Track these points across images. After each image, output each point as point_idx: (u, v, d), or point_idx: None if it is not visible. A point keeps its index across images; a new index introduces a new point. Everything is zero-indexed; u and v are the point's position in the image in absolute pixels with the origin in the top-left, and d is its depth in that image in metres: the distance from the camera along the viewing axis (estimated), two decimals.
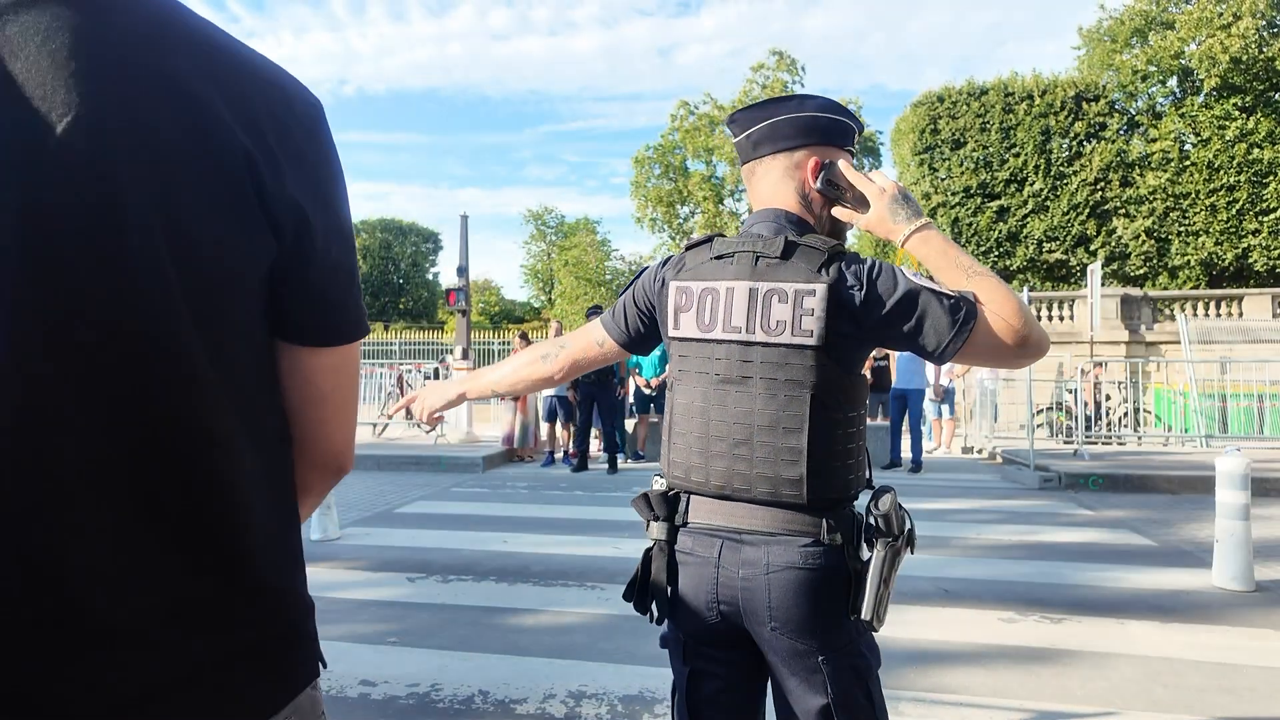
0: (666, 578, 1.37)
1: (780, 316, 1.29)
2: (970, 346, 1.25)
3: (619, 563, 4.81)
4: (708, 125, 32.11)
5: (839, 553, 1.29)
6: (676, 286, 1.41)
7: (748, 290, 1.32)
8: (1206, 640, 3.48)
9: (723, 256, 1.38)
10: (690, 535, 1.37)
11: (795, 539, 1.28)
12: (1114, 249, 21.40)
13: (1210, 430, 10.87)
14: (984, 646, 3.41)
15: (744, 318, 1.32)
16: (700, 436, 1.35)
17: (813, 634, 1.28)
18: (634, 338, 1.55)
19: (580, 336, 1.62)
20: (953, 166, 22.55)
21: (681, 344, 1.41)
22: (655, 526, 1.40)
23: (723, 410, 1.33)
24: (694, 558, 1.35)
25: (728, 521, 1.33)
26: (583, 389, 9.03)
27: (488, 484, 8.08)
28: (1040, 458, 8.46)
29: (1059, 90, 21.98)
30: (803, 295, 1.28)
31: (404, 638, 3.53)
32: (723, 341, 1.34)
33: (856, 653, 1.32)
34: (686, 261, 1.43)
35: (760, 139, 1.41)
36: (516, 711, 2.80)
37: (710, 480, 1.34)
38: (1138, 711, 2.79)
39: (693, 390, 1.38)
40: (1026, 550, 5.13)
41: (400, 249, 37.24)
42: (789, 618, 1.28)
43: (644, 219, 33.50)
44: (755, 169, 1.44)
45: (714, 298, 1.35)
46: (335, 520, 5.61)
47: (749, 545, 1.30)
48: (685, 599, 1.36)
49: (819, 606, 1.28)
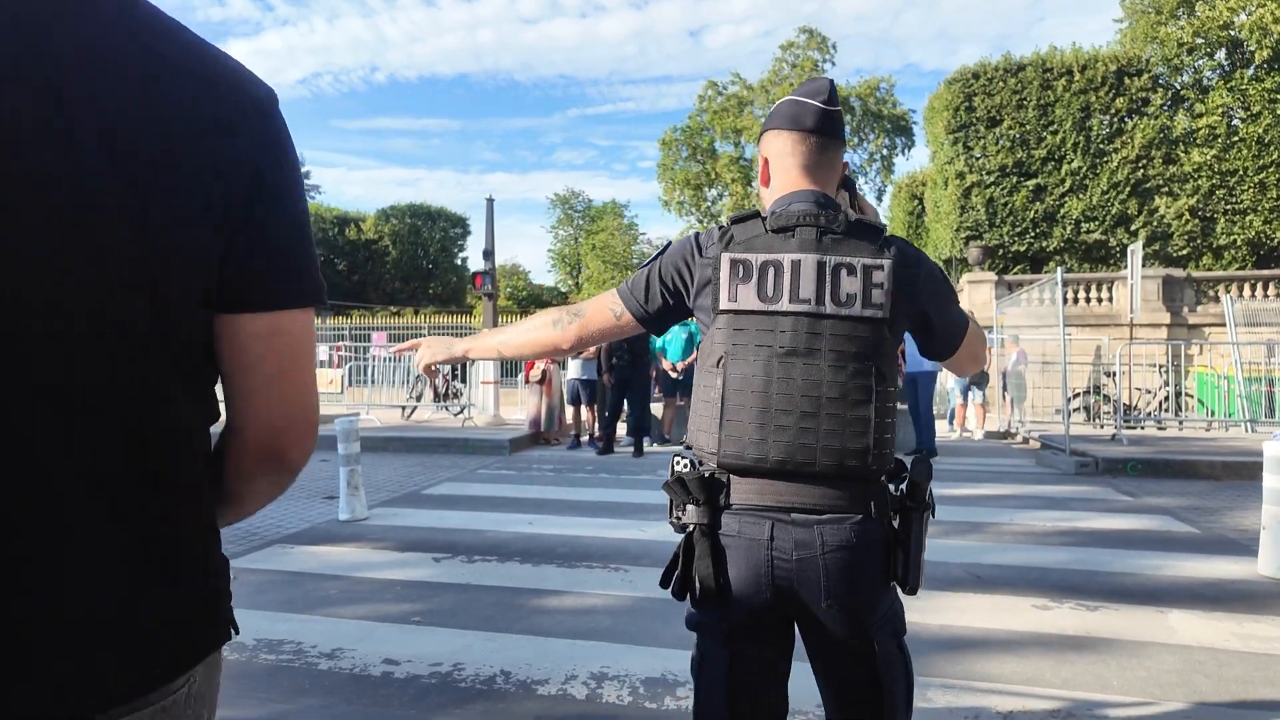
0: (714, 562, 1.35)
1: (850, 289, 1.34)
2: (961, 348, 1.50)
3: (644, 545, 4.78)
4: (736, 106, 31.72)
5: (879, 524, 1.35)
6: (731, 259, 1.39)
7: (816, 263, 1.34)
8: (1252, 630, 3.35)
9: (782, 230, 1.38)
10: (735, 517, 1.35)
11: (846, 515, 1.33)
12: (1156, 229, 20.74)
13: (1255, 415, 10.52)
14: (1017, 634, 3.32)
15: (813, 290, 1.34)
16: (761, 411, 1.33)
17: (863, 604, 1.34)
18: (653, 313, 1.51)
19: (595, 307, 1.57)
20: (988, 145, 21.99)
21: (738, 316, 1.38)
22: (694, 510, 1.36)
23: (788, 383, 1.33)
24: (742, 539, 1.34)
25: (778, 500, 1.33)
26: (617, 372, 8.99)
27: (514, 466, 8.12)
28: (1076, 442, 8.26)
29: (1100, 65, 21.26)
30: (871, 270, 1.34)
31: (428, 617, 3.54)
32: (789, 314, 1.35)
33: (894, 614, 1.41)
34: (735, 235, 1.41)
35: (843, 124, 1.50)
36: (538, 692, 2.79)
37: (770, 455, 1.32)
38: (1177, 702, 2.70)
39: (751, 363, 1.35)
40: (1061, 536, 5.00)
41: (429, 234, 37.45)
42: (843, 591, 1.32)
43: (671, 202, 33.28)
44: (839, 150, 1.50)
45: (776, 270, 1.36)
46: (363, 501, 5.67)
47: (800, 525, 1.32)
48: (734, 582, 1.34)
49: (868, 577, 1.34)
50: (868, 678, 1.36)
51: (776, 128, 1.48)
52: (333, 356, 12.71)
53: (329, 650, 3.15)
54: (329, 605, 3.73)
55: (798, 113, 1.45)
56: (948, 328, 1.46)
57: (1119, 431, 9.06)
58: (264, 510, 6.33)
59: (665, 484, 1.40)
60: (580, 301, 1.66)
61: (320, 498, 6.32)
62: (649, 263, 1.53)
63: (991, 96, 22.05)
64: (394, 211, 37.41)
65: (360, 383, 13.15)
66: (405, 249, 36.41)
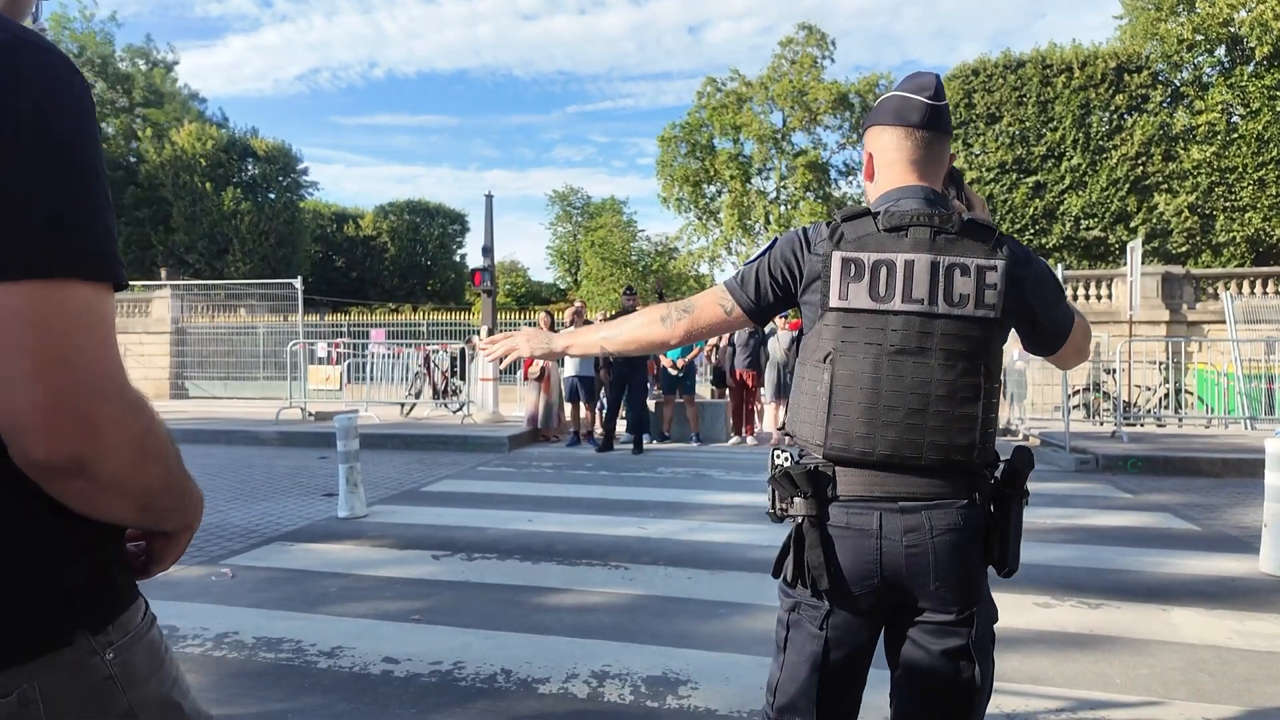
0: (824, 552, 1.39)
1: (964, 290, 1.36)
2: (1065, 344, 1.51)
3: (644, 543, 4.77)
4: (735, 102, 31.63)
5: (981, 510, 1.40)
6: (843, 257, 1.40)
7: (929, 263, 1.36)
8: (1255, 628, 3.34)
9: (895, 230, 1.40)
10: (843, 509, 1.39)
11: (952, 501, 1.37)
12: (1155, 226, 20.72)
13: (1254, 412, 10.52)
14: (1019, 631, 3.31)
15: (926, 290, 1.36)
16: (869, 407, 1.37)
17: (968, 586, 1.39)
18: (762, 307, 1.55)
19: (704, 302, 1.60)
20: (988, 142, 21.96)
21: (848, 315, 1.40)
22: (800, 503, 1.40)
23: (897, 381, 1.36)
24: (850, 530, 1.38)
25: (884, 491, 1.37)
26: (615, 369, 8.98)
27: (513, 463, 8.10)
28: (1076, 440, 8.25)
29: (1099, 62, 21.23)
30: (985, 270, 1.37)
31: (428, 615, 3.53)
32: (901, 313, 1.37)
33: (989, 597, 1.46)
34: (846, 232, 1.42)
35: (949, 118, 1.52)
36: (539, 691, 2.77)
37: (876, 449, 1.36)
38: (1182, 701, 2.68)
39: (860, 361, 1.38)
40: (1063, 534, 4.99)
41: (428, 231, 37.35)
42: (951, 575, 1.37)
43: (670, 199, 33.21)
44: (946, 145, 1.50)
45: (889, 269, 1.37)
46: (362, 498, 5.65)
47: (908, 513, 1.36)
48: (844, 570, 1.39)
49: (973, 560, 1.39)
50: (965, 658, 1.38)
51: (882, 123, 1.49)
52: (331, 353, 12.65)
53: (328, 649, 3.13)
54: (328, 603, 3.71)
55: (902, 108, 1.47)
56: (1054, 325, 1.49)
57: (1119, 429, 9.05)
58: (262, 508, 6.27)
59: (771, 478, 1.44)
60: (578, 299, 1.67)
61: (319, 495, 6.30)
62: (756, 258, 1.56)
63: (991, 93, 22.03)
64: (392, 208, 37.33)
65: (359, 380, 13.11)
66: (404, 246, 36.33)
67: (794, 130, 31.60)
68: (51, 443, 0.66)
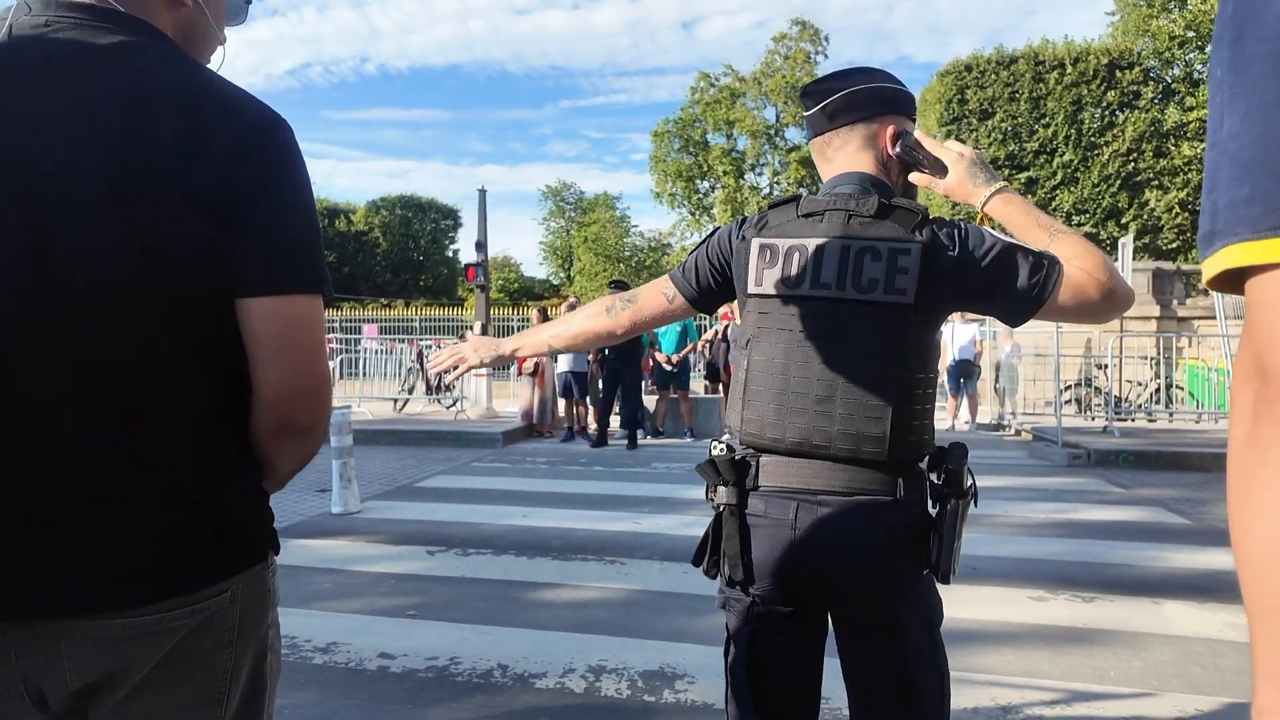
0: (740, 541, 1.36)
1: (873, 274, 1.30)
2: (1057, 302, 1.27)
3: (639, 538, 4.77)
4: (728, 98, 31.63)
5: (912, 510, 1.32)
6: (760, 243, 1.40)
7: (840, 247, 1.33)
8: (1245, 621, 3.36)
9: (811, 215, 1.38)
10: (762, 498, 1.36)
11: (874, 497, 1.30)
12: (1146, 222, 20.83)
13: None
14: (1013, 625, 3.32)
15: (834, 274, 1.32)
16: (779, 393, 1.34)
17: (891, 590, 1.32)
18: (704, 295, 1.54)
19: (649, 292, 1.60)
20: (980, 138, 22.02)
21: (763, 300, 1.40)
22: (723, 491, 1.38)
23: (806, 367, 1.33)
24: (768, 520, 1.34)
25: (804, 482, 1.32)
26: (608, 364, 8.97)
27: (507, 459, 8.09)
28: (1068, 434, 8.29)
29: (1091, 58, 21.30)
30: (897, 254, 1.29)
31: (423, 611, 3.52)
32: (810, 298, 1.34)
33: (927, 603, 1.36)
34: (770, 219, 1.43)
35: (836, 110, 1.44)
36: (535, 686, 2.77)
37: (786, 437, 1.33)
38: (1174, 693, 2.70)
39: (773, 347, 1.37)
40: (1056, 528, 5.02)
41: (420, 226, 37.25)
42: (869, 576, 1.31)
43: (663, 194, 33.19)
44: (831, 140, 1.46)
45: (801, 254, 1.36)
46: (356, 494, 5.63)
47: (825, 506, 1.31)
48: (759, 561, 1.35)
49: (896, 563, 1.31)
50: (895, 665, 1.30)
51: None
52: None
53: (323, 644, 3.12)
54: (323, 599, 3.70)
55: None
56: (1016, 296, 1.28)
57: (1110, 424, 9.11)
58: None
59: (698, 466, 1.42)
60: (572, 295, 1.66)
61: (313, 491, 6.27)
62: (697, 247, 1.56)
63: (984, 89, 22.08)
64: (384, 203, 37.20)
65: (351, 375, 13.07)
66: (396, 241, 36.22)
67: (787, 126, 31.62)
68: (312, 411, 0.94)
